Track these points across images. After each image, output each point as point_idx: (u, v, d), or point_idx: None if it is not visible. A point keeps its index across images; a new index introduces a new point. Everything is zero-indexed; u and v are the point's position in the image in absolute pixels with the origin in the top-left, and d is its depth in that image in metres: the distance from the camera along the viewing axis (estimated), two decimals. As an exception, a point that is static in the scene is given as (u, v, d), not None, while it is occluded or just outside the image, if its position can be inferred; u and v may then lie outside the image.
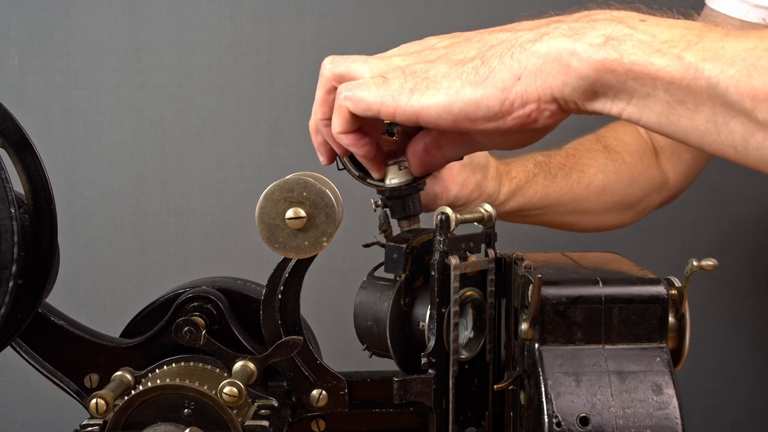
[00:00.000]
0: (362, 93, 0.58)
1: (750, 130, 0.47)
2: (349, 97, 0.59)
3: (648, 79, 0.49)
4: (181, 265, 1.33)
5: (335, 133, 0.62)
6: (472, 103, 0.54)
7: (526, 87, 0.53)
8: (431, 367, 0.59)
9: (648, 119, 0.51)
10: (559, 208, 0.92)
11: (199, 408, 0.60)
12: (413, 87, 0.56)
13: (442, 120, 0.56)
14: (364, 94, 0.58)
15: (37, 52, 1.30)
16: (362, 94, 0.58)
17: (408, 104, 0.56)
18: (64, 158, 1.32)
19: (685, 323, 0.58)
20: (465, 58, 0.56)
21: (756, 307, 1.38)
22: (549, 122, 0.55)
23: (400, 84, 0.57)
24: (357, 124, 0.61)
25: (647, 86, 0.49)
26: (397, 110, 0.57)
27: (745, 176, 1.35)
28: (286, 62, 1.32)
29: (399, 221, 0.69)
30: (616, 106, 0.52)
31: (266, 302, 0.65)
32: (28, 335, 0.66)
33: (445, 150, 0.63)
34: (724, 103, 0.47)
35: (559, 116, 0.55)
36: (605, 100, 0.52)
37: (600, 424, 0.53)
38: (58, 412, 1.27)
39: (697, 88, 0.48)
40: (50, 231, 0.61)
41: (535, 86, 0.53)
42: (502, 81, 0.53)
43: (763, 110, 0.45)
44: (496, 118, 0.54)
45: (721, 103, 0.47)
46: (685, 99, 0.49)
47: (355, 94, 0.59)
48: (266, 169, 1.33)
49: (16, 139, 0.60)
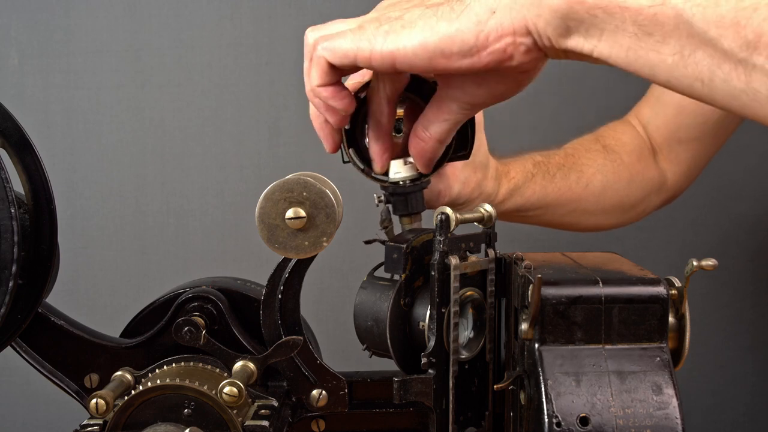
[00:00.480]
0: (338, 41, 0.58)
1: (716, 60, 0.46)
2: (326, 47, 0.59)
3: (616, 9, 0.49)
4: (181, 265, 1.33)
5: (313, 86, 0.61)
6: (446, 37, 0.54)
7: (501, 20, 0.53)
8: (431, 367, 0.59)
9: (617, 55, 0.51)
10: (558, 208, 0.92)
11: (199, 408, 0.60)
12: (388, 29, 0.56)
13: (417, 58, 0.55)
14: (340, 42, 0.58)
15: (37, 52, 1.30)
16: (338, 43, 0.58)
17: (383, 47, 0.56)
18: (64, 158, 1.32)
19: (685, 323, 0.58)
20: (439, 1, 0.56)
21: (756, 307, 1.38)
22: (525, 59, 0.55)
23: (375, 28, 0.57)
24: (336, 77, 0.61)
25: (616, 18, 0.49)
26: (372, 54, 0.57)
27: (746, 176, 1.35)
28: (286, 62, 1.31)
29: (401, 218, 0.69)
30: (588, 42, 0.52)
31: (266, 302, 0.65)
32: (28, 335, 0.66)
33: (431, 129, 0.62)
34: (690, 33, 0.47)
35: (534, 53, 0.55)
36: (578, 36, 0.52)
37: (600, 424, 0.53)
38: (58, 412, 1.27)
39: (664, 18, 0.48)
40: (50, 231, 0.61)
41: (510, 18, 0.53)
42: (477, 15, 0.54)
43: (728, 38, 0.45)
44: (471, 53, 0.54)
45: (687, 33, 0.47)
46: (652, 31, 0.48)
47: (332, 44, 0.59)
48: (266, 169, 1.33)
49: (16, 139, 0.60)
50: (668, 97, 0.98)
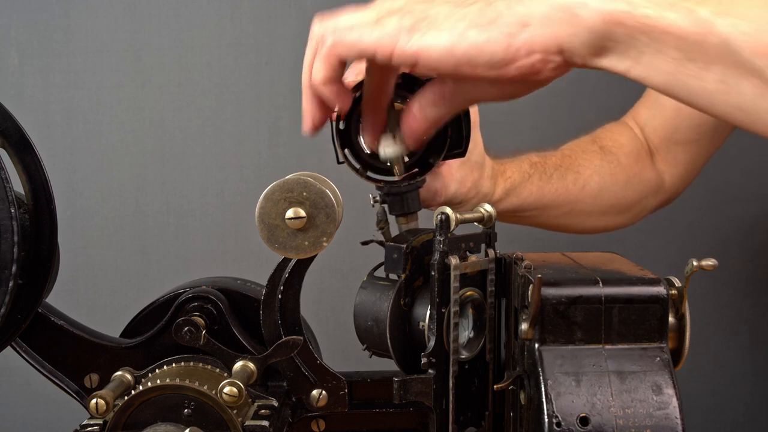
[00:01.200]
0: (355, 35, 0.54)
1: (761, 90, 0.45)
2: (340, 42, 0.55)
3: (659, 33, 0.47)
4: (181, 265, 1.33)
5: (318, 82, 0.57)
6: (476, 46, 0.51)
7: (533, 36, 0.51)
8: (431, 367, 0.59)
9: (655, 79, 0.49)
10: (554, 209, 0.91)
11: (199, 408, 0.60)
12: (412, 26, 0.53)
13: (442, 63, 0.52)
14: (358, 35, 0.54)
15: (37, 52, 1.30)
16: (355, 36, 0.54)
17: (408, 45, 0.53)
18: (64, 158, 1.32)
19: (685, 323, 0.58)
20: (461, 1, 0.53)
21: (756, 307, 1.38)
22: (552, 75, 0.53)
23: (398, 23, 0.53)
24: (341, 73, 0.58)
25: (658, 42, 0.48)
26: (395, 51, 0.53)
27: (746, 177, 1.35)
28: (286, 62, 1.31)
29: (397, 218, 0.68)
30: (623, 63, 0.50)
31: (266, 302, 0.65)
32: (28, 335, 0.66)
33: (429, 111, 0.60)
34: (735, 62, 0.46)
35: (563, 69, 0.53)
36: (612, 56, 0.50)
37: (600, 424, 0.53)
38: (58, 412, 1.27)
39: (708, 45, 0.46)
40: (50, 231, 0.61)
41: (542, 35, 0.50)
42: (508, 26, 0.51)
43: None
44: (498, 66, 0.52)
45: (732, 62, 0.46)
46: (695, 57, 0.47)
47: (347, 37, 0.54)
48: (266, 169, 1.33)
49: (16, 139, 0.60)
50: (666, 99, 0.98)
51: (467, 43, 0.51)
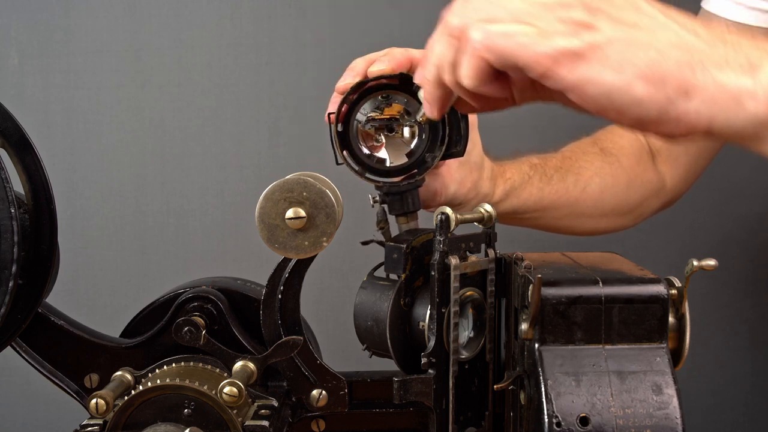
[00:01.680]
0: (511, 44, 0.49)
1: None
2: (492, 47, 0.49)
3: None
4: (181, 265, 1.33)
5: (470, 86, 0.51)
6: (635, 101, 0.48)
7: (690, 110, 0.48)
8: (431, 367, 0.59)
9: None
10: (555, 211, 0.91)
11: (199, 408, 0.60)
12: (582, 53, 0.48)
13: (593, 102, 0.49)
14: (515, 45, 0.48)
15: (37, 52, 1.30)
16: (511, 45, 0.48)
17: (569, 74, 0.48)
18: (64, 158, 1.32)
19: (685, 323, 0.58)
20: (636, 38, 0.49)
21: (756, 307, 1.38)
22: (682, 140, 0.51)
23: (566, 44, 0.48)
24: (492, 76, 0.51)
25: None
26: (553, 75, 0.48)
27: (746, 176, 1.35)
28: (286, 62, 1.31)
29: (397, 218, 0.68)
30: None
31: (266, 302, 0.65)
32: (28, 335, 0.66)
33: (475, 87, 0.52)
34: None
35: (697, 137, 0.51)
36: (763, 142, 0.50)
37: (600, 424, 0.53)
38: (58, 412, 1.26)
39: None
40: (50, 231, 0.61)
41: (699, 113, 0.48)
42: (674, 90, 0.48)
43: None
44: (643, 123, 0.50)
45: None
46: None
47: (500, 44, 0.49)
48: (266, 169, 1.33)
49: (16, 139, 0.60)
50: None
51: (630, 95, 0.48)
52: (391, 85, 0.67)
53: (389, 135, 0.68)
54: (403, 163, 0.68)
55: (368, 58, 0.69)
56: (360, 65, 0.69)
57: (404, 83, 0.66)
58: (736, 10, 0.92)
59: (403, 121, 0.67)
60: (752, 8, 0.91)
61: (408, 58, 0.68)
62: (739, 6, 0.92)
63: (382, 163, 0.68)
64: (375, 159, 0.67)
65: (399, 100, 0.67)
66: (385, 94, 0.67)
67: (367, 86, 0.67)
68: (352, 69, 0.69)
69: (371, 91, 0.67)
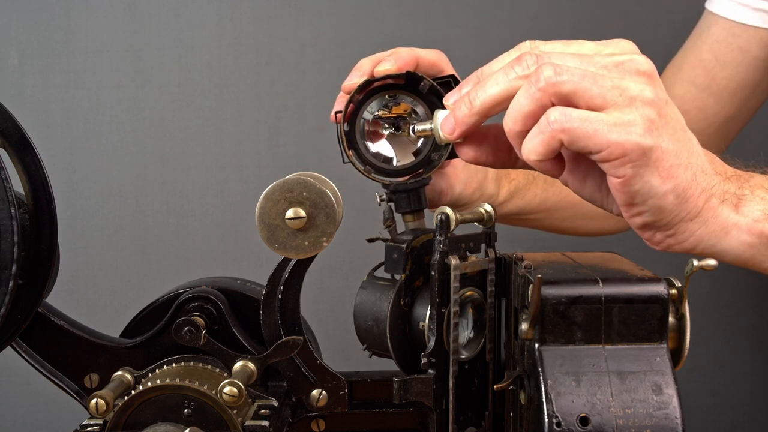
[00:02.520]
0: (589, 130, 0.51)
1: None
2: (569, 130, 0.51)
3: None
4: (181, 265, 1.33)
5: (531, 159, 0.54)
6: (660, 208, 0.54)
7: (693, 230, 0.56)
8: (431, 367, 0.59)
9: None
10: (559, 212, 0.91)
11: (199, 408, 0.60)
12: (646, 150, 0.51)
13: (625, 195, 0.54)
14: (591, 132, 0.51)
15: (37, 52, 1.30)
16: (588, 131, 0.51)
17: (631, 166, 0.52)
18: (64, 158, 1.32)
19: (685, 323, 0.58)
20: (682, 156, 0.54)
21: (756, 307, 1.38)
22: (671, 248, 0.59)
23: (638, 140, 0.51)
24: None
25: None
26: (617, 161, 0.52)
27: (745, 176, 1.35)
28: (286, 62, 1.31)
29: (404, 216, 0.69)
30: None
31: (266, 302, 0.65)
32: (28, 335, 0.66)
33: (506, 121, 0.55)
34: None
35: None
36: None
37: (600, 424, 0.53)
38: (58, 412, 1.27)
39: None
40: (50, 231, 0.61)
41: (696, 235, 0.56)
42: (688, 210, 0.55)
43: None
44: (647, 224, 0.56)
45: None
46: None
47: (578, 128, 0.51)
48: (266, 169, 1.33)
49: (16, 139, 0.60)
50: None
51: (660, 203, 0.54)
52: (398, 85, 0.67)
53: (396, 134, 0.68)
54: (409, 162, 0.68)
55: (374, 58, 0.69)
56: (366, 65, 0.69)
57: (410, 83, 0.66)
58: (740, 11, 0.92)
59: (410, 120, 0.67)
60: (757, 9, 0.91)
61: (414, 57, 0.69)
62: (743, 7, 0.92)
63: (389, 162, 0.68)
64: (381, 158, 0.68)
65: (405, 100, 0.67)
66: (392, 93, 0.67)
67: (373, 86, 0.67)
68: (358, 68, 0.69)
69: (377, 90, 0.67)
